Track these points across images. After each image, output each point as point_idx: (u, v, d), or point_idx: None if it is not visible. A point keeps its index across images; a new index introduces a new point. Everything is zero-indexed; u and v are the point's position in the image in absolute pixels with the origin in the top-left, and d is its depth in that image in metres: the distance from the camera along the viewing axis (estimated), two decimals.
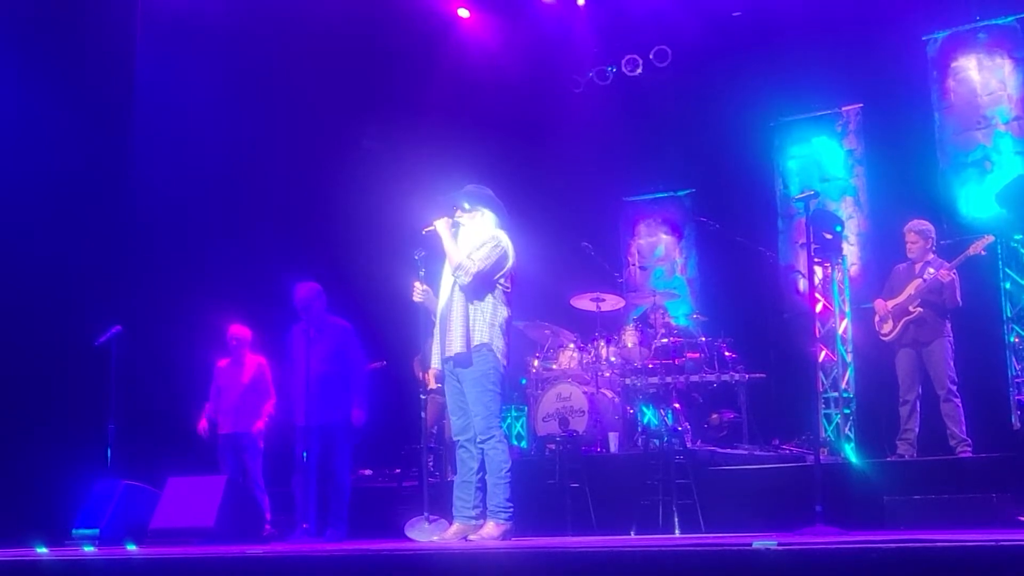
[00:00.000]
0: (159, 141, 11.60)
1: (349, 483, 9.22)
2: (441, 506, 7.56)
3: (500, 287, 6.98)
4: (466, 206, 7.09)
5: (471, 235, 7.06)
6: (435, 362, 7.06)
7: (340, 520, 8.96)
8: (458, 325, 6.85)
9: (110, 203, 11.23)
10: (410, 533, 7.71)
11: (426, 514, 7.70)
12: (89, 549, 7.98)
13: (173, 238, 11.50)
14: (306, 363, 8.90)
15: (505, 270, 6.98)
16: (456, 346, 6.83)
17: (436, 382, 7.40)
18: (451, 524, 7.01)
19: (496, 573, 4.44)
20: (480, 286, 6.87)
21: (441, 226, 6.99)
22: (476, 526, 6.82)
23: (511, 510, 6.77)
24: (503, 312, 6.96)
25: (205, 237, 11.51)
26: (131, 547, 7.94)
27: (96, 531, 8.77)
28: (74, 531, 8.89)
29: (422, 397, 8.22)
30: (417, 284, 7.19)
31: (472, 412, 6.86)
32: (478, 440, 6.84)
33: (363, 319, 11.88)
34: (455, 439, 7.07)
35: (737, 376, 10.68)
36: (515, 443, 11.53)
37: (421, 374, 10.86)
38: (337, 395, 9.03)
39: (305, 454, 8.88)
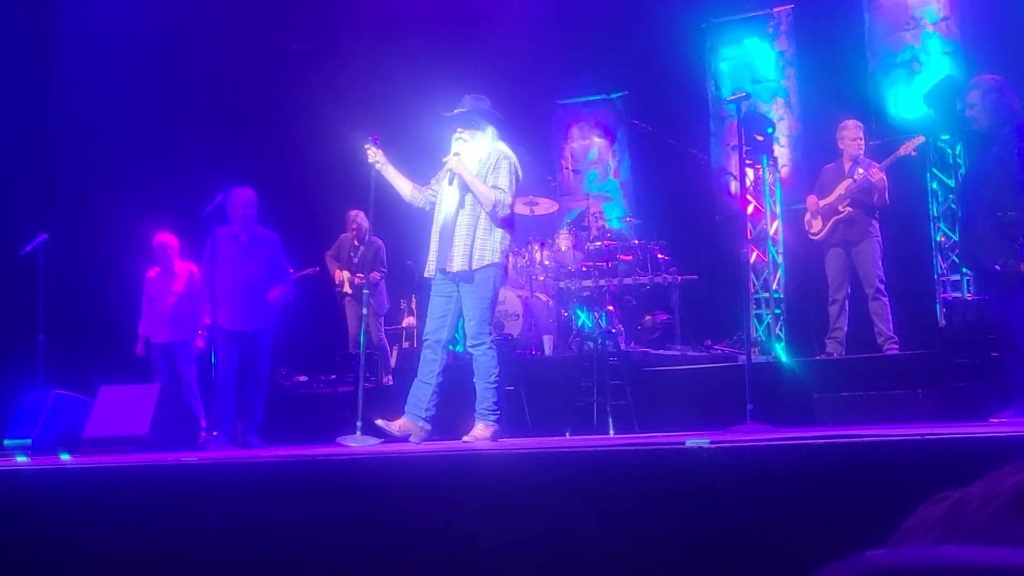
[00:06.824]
0: (84, 44, 11.34)
1: (266, 390, 9.10)
2: (374, 412, 7.52)
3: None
4: (466, 132, 7.02)
5: (474, 151, 6.98)
6: (430, 268, 7.03)
7: (255, 425, 8.84)
8: (463, 243, 6.81)
9: (34, 109, 10.99)
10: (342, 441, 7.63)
11: (359, 424, 7.12)
12: (22, 459, 7.91)
13: (99, 144, 11.29)
14: (240, 269, 8.81)
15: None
16: (458, 263, 6.80)
17: (348, 287, 7.32)
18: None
19: (427, 477, 4.48)
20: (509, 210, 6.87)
21: (458, 165, 6.85)
22: (422, 429, 6.91)
23: (498, 413, 6.97)
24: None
25: (132, 143, 11.30)
26: (64, 456, 7.89)
27: (28, 441, 8.70)
28: (6, 441, 8.82)
29: (348, 291, 8.06)
30: (369, 149, 7.12)
31: (466, 316, 6.94)
32: (469, 344, 6.98)
33: (291, 225, 11.81)
34: (424, 339, 7.11)
35: (670, 278, 10.75)
36: (450, 347, 11.54)
37: (336, 273, 10.83)
38: (266, 303, 8.99)
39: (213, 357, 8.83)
